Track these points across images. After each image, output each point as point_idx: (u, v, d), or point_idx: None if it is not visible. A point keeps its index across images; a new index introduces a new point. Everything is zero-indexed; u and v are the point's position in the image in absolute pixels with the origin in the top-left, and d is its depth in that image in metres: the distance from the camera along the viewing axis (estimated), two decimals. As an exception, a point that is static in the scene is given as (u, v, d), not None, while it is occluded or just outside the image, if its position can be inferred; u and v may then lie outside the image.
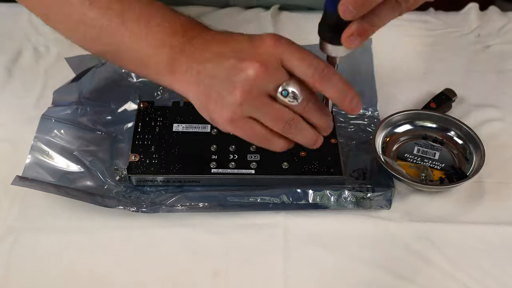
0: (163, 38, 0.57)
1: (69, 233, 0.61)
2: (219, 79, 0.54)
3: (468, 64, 0.80)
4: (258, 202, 0.62)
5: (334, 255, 0.60)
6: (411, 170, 0.66)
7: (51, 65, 0.78)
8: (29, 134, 0.67)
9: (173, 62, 0.56)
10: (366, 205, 0.63)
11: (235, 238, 0.61)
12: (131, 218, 0.61)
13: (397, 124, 0.69)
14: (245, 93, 0.53)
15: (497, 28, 0.84)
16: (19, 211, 0.62)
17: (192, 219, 0.62)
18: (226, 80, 0.53)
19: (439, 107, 0.72)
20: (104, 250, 0.60)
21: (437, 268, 0.59)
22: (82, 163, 0.65)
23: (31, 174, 0.63)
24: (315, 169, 0.64)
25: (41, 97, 0.73)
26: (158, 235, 0.61)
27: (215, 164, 0.64)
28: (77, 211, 0.62)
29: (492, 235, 0.62)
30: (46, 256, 0.59)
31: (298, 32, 0.82)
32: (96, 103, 0.71)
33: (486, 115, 0.72)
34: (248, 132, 0.55)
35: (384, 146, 0.68)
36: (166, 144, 0.66)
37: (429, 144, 0.68)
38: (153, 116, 0.69)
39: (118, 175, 0.63)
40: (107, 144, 0.68)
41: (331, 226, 0.62)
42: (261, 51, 0.53)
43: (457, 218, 0.63)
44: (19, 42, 0.80)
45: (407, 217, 0.63)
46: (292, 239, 0.61)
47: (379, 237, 0.61)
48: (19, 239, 0.60)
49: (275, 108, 0.54)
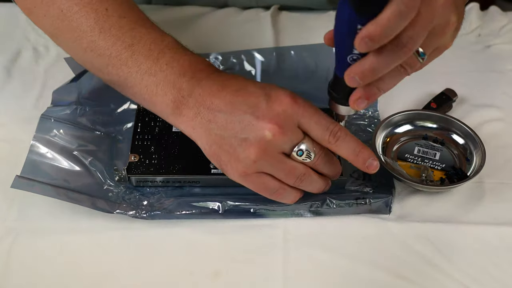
0: (172, 78, 0.57)
1: (68, 233, 0.61)
2: (232, 133, 0.55)
3: (468, 64, 0.79)
4: (257, 207, 0.62)
5: (334, 255, 0.60)
6: (412, 170, 0.65)
7: (50, 65, 0.78)
8: (28, 134, 0.66)
9: (180, 105, 0.56)
10: (366, 210, 0.62)
11: (234, 238, 0.61)
12: (130, 219, 0.61)
13: (397, 124, 0.69)
14: (260, 152, 0.54)
15: (498, 28, 0.84)
16: (18, 212, 0.62)
17: (191, 220, 0.62)
18: (240, 135, 0.54)
19: (439, 107, 0.71)
20: (103, 251, 0.60)
21: (437, 268, 0.59)
22: (82, 163, 0.65)
23: (29, 174, 0.63)
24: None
25: (41, 97, 0.73)
26: (158, 235, 0.61)
27: (215, 164, 0.64)
28: (76, 212, 0.62)
29: (492, 236, 0.61)
30: (45, 257, 0.59)
31: (298, 32, 0.82)
32: (95, 103, 0.71)
33: (486, 115, 0.72)
34: (260, 186, 0.57)
35: (385, 147, 0.68)
36: (166, 145, 0.66)
37: (430, 144, 0.68)
38: (152, 116, 0.68)
39: (118, 175, 0.63)
40: (107, 144, 0.67)
41: (331, 227, 0.62)
42: (278, 111, 0.54)
43: (458, 218, 0.63)
44: (18, 42, 0.80)
45: (407, 218, 0.63)
46: (291, 240, 0.61)
47: (379, 238, 0.61)
48: (18, 240, 0.60)
49: (288, 165, 0.56)
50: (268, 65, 0.76)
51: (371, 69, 0.50)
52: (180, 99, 0.56)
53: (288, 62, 0.77)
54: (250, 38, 0.81)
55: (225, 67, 0.76)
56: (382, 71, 0.51)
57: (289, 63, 0.77)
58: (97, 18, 0.58)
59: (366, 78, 0.51)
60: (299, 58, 0.77)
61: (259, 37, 0.82)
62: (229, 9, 0.86)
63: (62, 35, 0.61)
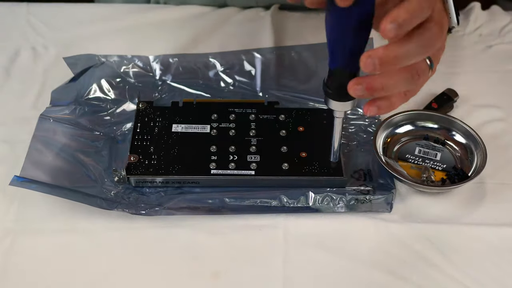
0: None
1: (67, 234, 0.61)
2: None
3: (470, 64, 0.79)
4: (258, 205, 0.62)
5: (335, 256, 0.59)
6: (412, 171, 0.65)
7: (49, 65, 0.77)
8: (27, 134, 0.66)
9: None
10: (367, 208, 0.62)
11: (234, 239, 0.61)
12: (129, 219, 0.61)
13: (398, 124, 0.69)
14: None
15: (500, 28, 0.84)
16: (17, 212, 0.62)
17: (191, 220, 0.62)
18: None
19: (440, 108, 0.71)
20: (102, 251, 0.60)
21: (438, 270, 0.58)
22: (80, 163, 0.65)
23: (28, 175, 0.62)
24: (315, 170, 0.64)
25: (39, 97, 0.73)
26: (157, 236, 0.61)
27: (215, 165, 0.64)
28: (75, 212, 0.61)
29: (494, 237, 0.61)
30: (43, 258, 0.59)
31: (298, 32, 0.82)
32: (94, 103, 0.70)
33: (488, 115, 0.72)
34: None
35: (385, 147, 0.67)
36: (165, 145, 0.66)
37: (431, 144, 0.68)
38: (152, 116, 0.68)
39: (117, 176, 0.63)
40: (106, 144, 0.67)
41: (332, 228, 0.62)
42: None
43: (459, 219, 0.63)
44: (17, 42, 0.80)
45: (408, 218, 0.62)
46: (292, 241, 0.60)
47: (380, 239, 0.61)
48: (17, 240, 0.60)
49: None
50: (268, 65, 0.76)
51: (395, 56, 0.48)
52: None
53: (288, 62, 0.77)
54: (250, 38, 0.81)
55: (225, 67, 0.76)
56: (404, 61, 0.49)
57: (289, 63, 0.77)
58: None
59: (384, 65, 0.48)
60: (299, 58, 0.77)
61: (259, 37, 0.81)
62: (229, 9, 0.85)
63: None
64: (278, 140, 0.66)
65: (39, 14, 0.83)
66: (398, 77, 0.51)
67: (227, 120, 0.68)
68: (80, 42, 0.79)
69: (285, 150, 0.66)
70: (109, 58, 0.73)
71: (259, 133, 0.67)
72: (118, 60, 0.74)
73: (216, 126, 0.68)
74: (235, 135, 0.67)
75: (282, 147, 0.66)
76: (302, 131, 0.67)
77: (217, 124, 0.68)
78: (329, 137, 0.62)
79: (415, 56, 0.50)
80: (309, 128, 0.68)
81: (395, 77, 0.51)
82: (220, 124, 0.68)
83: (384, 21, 0.47)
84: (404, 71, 0.51)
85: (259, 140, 0.66)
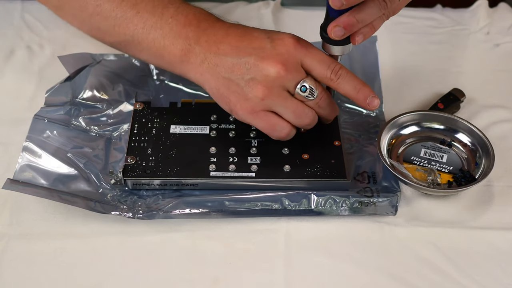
0: (177, 29, 0.62)
1: (62, 239, 0.60)
2: (239, 74, 0.60)
3: (477, 63, 0.79)
4: (258, 208, 0.62)
5: (337, 261, 0.59)
6: (418, 173, 0.65)
7: (44, 64, 0.77)
8: (21, 135, 0.66)
9: (188, 53, 0.62)
10: (371, 211, 0.62)
11: (235, 243, 0.60)
12: (126, 224, 0.61)
13: (403, 125, 0.68)
14: (266, 90, 0.60)
15: (507, 26, 0.83)
16: (10, 216, 0.62)
17: (191, 224, 0.61)
18: (247, 76, 0.60)
19: (447, 108, 0.71)
20: (98, 256, 0.59)
21: (444, 275, 0.58)
22: (76, 165, 0.64)
23: (22, 177, 0.62)
24: (318, 173, 0.63)
25: (34, 97, 0.73)
26: (155, 240, 0.60)
27: (214, 167, 0.63)
28: (71, 216, 0.61)
29: (501, 241, 0.61)
30: (38, 263, 0.58)
31: (299, 29, 0.81)
32: (90, 104, 0.70)
33: (495, 116, 0.72)
34: (267, 123, 0.62)
35: (390, 149, 0.67)
36: (163, 146, 0.65)
37: (437, 146, 0.67)
38: (149, 117, 0.68)
39: (113, 178, 0.62)
40: (102, 146, 0.67)
41: (334, 231, 0.61)
42: (282, 51, 0.60)
43: (465, 223, 0.62)
44: (11, 40, 0.80)
45: (413, 222, 0.62)
46: (294, 245, 0.60)
47: (384, 243, 0.60)
48: (10, 245, 0.59)
49: (294, 102, 0.61)
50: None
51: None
52: (187, 48, 0.62)
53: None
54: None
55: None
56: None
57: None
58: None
59: (350, 1, 0.55)
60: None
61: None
62: (229, 6, 0.85)
63: (67, 5, 0.66)
64: (280, 142, 0.65)
65: (34, 12, 0.83)
66: (368, 8, 0.57)
67: (226, 121, 0.68)
68: (76, 41, 0.78)
69: (286, 152, 0.65)
70: (105, 57, 0.73)
71: (260, 135, 0.66)
72: (114, 59, 0.73)
73: (215, 127, 0.67)
74: (235, 136, 0.67)
75: (284, 148, 0.65)
76: (304, 133, 0.66)
77: (216, 125, 0.67)
78: (331, 138, 0.64)
79: None
80: (311, 129, 0.66)
81: (365, 9, 0.57)
82: (220, 125, 0.67)
83: None
84: (371, 0, 0.57)
85: (259, 141, 0.66)
